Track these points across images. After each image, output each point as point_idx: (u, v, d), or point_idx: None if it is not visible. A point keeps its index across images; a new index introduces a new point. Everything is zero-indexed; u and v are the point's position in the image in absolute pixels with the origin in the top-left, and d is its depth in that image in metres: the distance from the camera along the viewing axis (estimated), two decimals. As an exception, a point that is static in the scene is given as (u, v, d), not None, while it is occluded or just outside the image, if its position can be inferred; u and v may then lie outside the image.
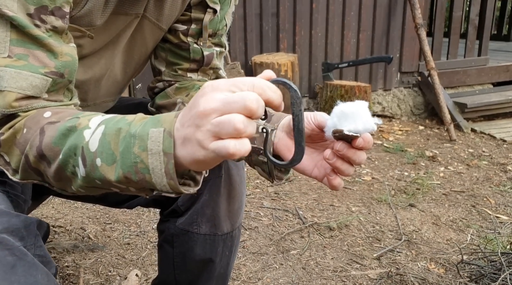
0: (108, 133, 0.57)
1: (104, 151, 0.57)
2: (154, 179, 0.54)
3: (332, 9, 3.49)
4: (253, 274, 1.58)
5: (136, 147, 0.54)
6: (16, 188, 0.83)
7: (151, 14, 0.88)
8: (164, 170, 0.53)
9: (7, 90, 0.63)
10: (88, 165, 0.58)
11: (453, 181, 2.55)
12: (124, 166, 0.55)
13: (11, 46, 0.63)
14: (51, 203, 1.92)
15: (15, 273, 0.63)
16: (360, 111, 0.64)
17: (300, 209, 2.08)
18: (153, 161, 0.54)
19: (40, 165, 0.63)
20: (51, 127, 0.62)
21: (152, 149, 0.53)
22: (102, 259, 1.57)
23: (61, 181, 0.64)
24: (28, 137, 0.63)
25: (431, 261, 1.72)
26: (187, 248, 1.00)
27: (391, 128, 3.58)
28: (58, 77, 0.67)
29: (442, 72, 3.75)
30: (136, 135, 0.55)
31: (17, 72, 0.63)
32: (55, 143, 0.60)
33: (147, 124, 0.55)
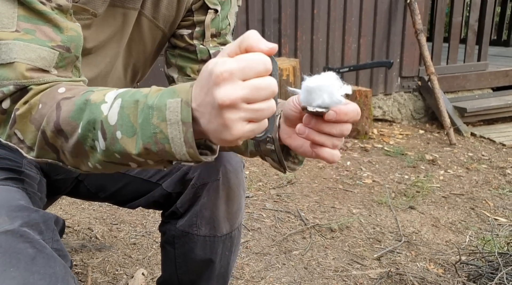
0: (126, 106, 0.58)
1: (124, 123, 0.57)
2: (173, 148, 0.55)
3: (333, 15, 3.54)
4: (256, 273, 1.61)
5: (155, 118, 0.55)
6: (33, 186, 0.87)
7: (148, 12, 0.91)
8: (184, 139, 0.54)
9: (16, 61, 0.64)
10: (108, 138, 0.59)
11: (452, 184, 2.59)
12: (144, 137, 0.56)
13: (19, 21, 0.65)
14: (58, 204, 1.96)
15: (36, 265, 0.66)
16: (326, 85, 0.61)
17: (302, 211, 2.12)
18: (172, 130, 0.54)
19: (57, 141, 0.64)
20: (67, 102, 0.62)
21: (170, 119, 0.54)
22: (109, 259, 1.61)
23: (78, 156, 0.64)
24: (44, 113, 0.63)
25: (430, 261, 1.75)
26: (188, 249, 1.03)
27: (392, 132, 3.62)
28: (65, 51, 0.69)
29: (442, 77, 3.80)
30: (154, 106, 0.55)
31: (25, 44, 0.65)
32: (72, 118, 0.61)
33: (163, 95, 0.56)
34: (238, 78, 0.50)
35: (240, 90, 0.50)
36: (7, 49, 0.64)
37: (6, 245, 0.65)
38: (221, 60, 0.51)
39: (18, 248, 0.66)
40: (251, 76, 0.51)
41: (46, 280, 0.67)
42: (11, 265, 0.65)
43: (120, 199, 1.11)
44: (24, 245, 0.67)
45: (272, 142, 0.77)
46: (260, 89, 0.51)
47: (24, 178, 0.85)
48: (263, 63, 0.51)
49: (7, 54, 0.64)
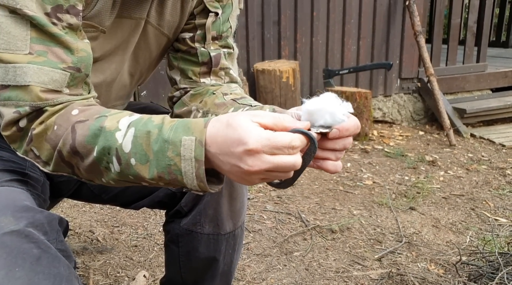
0: (139, 135, 0.64)
1: (137, 152, 0.64)
2: (185, 180, 0.62)
3: (332, 17, 3.55)
4: (257, 274, 1.62)
5: (170, 152, 0.62)
6: (36, 188, 0.87)
7: (153, 20, 0.93)
8: (195, 174, 0.61)
9: (31, 85, 0.68)
10: (123, 164, 0.65)
11: (452, 185, 2.60)
12: (159, 167, 0.63)
13: (32, 43, 0.68)
14: (60, 207, 1.97)
15: (40, 265, 0.67)
16: (327, 106, 0.64)
17: (303, 212, 2.12)
18: (186, 165, 0.61)
19: (73, 160, 0.69)
20: (82, 126, 0.67)
21: (185, 156, 0.61)
22: (111, 261, 1.62)
23: (92, 173, 0.69)
24: (59, 134, 0.68)
25: (431, 262, 1.76)
26: (192, 247, 1.04)
27: (392, 133, 3.63)
28: (76, 72, 0.72)
29: (441, 78, 3.81)
30: (169, 141, 0.62)
31: (39, 68, 0.68)
32: (88, 142, 0.66)
33: (178, 130, 0.63)
34: (266, 154, 0.58)
35: (266, 164, 0.58)
36: (22, 73, 0.67)
37: (12, 245, 0.66)
38: (256, 132, 0.58)
39: (23, 248, 0.67)
40: (279, 154, 0.58)
41: (51, 280, 0.68)
42: (16, 265, 0.65)
43: (124, 200, 1.12)
44: (29, 245, 0.67)
45: None
46: (283, 167, 0.59)
47: (28, 180, 0.85)
48: (292, 146, 0.59)
49: (22, 77, 0.67)
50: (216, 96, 0.95)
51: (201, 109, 0.96)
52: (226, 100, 0.93)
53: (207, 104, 0.95)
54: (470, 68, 4.06)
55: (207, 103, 0.95)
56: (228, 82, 1.01)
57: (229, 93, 0.96)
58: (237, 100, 0.92)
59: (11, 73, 0.67)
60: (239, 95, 0.95)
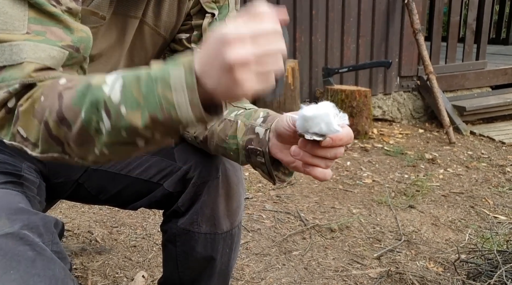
0: (128, 84, 0.59)
1: (127, 99, 0.58)
2: (180, 114, 0.57)
3: (331, 16, 3.55)
4: (256, 274, 1.62)
5: (159, 88, 0.57)
6: (32, 190, 0.88)
7: (150, 20, 0.92)
8: (190, 103, 0.56)
9: (26, 61, 0.65)
10: (113, 116, 0.59)
11: (452, 183, 2.60)
12: (150, 108, 0.57)
13: (29, 23, 0.66)
14: (58, 207, 1.97)
15: (35, 267, 0.67)
16: (323, 115, 0.64)
17: (302, 212, 2.12)
18: (178, 97, 0.56)
19: (60, 131, 0.64)
20: (69, 91, 0.63)
21: (176, 87, 0.56)
22: (109, 262, 1.62)
23: (83, 144, 0.64)
24: (46, 105, 0.64)
25: (430, 260, 1.76)
26: (189, 247, 1.04)
27: (392, 131, 3.63)
28: (74, 51, 0.70)
29: (440, 76, 3.80)
30: (158, 78, 0.57)
31: (35, 44, 0.66)
32: (75, 103, 0.61)
33: (165, 68, 0.58)
34: (248, 40, 0.53)
35: (250, 50, 0.53)
36: (18, 50, 0.65)
37: (6, 247, 0.66)
38: (233, 25, 0.53)
39: (18, 251, 0.67)
40: (260, 39, 0.53)
41: (46, 282, 0.68)
42: (11, 268, 0.65)
43: (121, 201, 1.12)
44: (24, 247, 0.68)
45: (262, 155, 0.80)
46: (269, 49, 0.54)
47: (24, 182, 0.86)
48: (272, 27, 0.54)
49: (18, 54, 0.65)
50: None
51: None
52: None
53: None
54: (470, 65, 4.06)
55: None
56: None
57: None
58: None
59: (7, 52, 0.65)
60: None
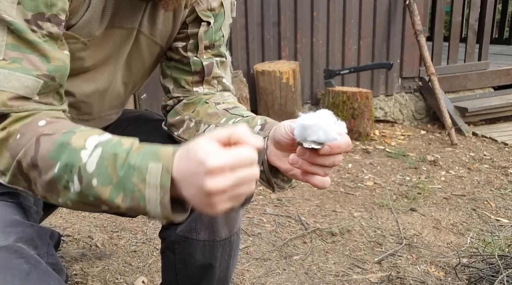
0: (105, 157, 0.61)
1: (101, 174, 0.61)
2: (148, 207, 0.60)
3: (332, 17, 3.54)
4: (256, 279, 1.61)
5: (135, 178, 0.59)
6: (28, 200, 0.87)
7: (146, 29, 0.93)
8: (160, 201, 0.59)
9: (0, 90, 0.66)
10: (84, 183, 0.62)
11: (454, 185, 2.58)
12: (122, 192, 0.60)
13: (7, 50, 0.67)
14: (59, 212, 1.97)
15: (30, 280, 0.67)
16: (321, 123, 0.65)
17: (303, 215, 2.12)
18: (150, 192, 0.59)
19: (31, 173, 0.65)
20: (47, 139, 0.64)
21: (150, 182, 0.58)
22: (110, 267, 1.62)
23: (50, 192, 0.66)
24: (22, 143, 0.65)
25: (431, 264, 1.75)
26: (188, 254, 1.04)
27: (393, 133, 3.61)
28: (50, 80, 0.70)
29: (442, 77, 3.79)
30: (136, 167, 0.59)
31: (10, 73, 0.66)
32: (50, 157, 0.63)
33: (145, 156, 0.60)
34: (228, 171, 0.55)
35: (229, 180, 0.55)
36: None
37: (1, 261, 0.66)
38: (214, 152, 0.55)
39: (12, 264, 0.67)
40: (238, 168, 0.56)
41: (41, 295, 0.67)
42: (5, 281, 0.65)
43: None
44: (18, 260, 0.67)
45: (261, 163, 0.80)
46: (245, 178, 0.56)
47: (20, 191, 0.85)
48: (250, 159, 0.56)
49: None
50: (208, 106, 0.95)
51: (194, 118, 0.96)
52: (218, 109, 0.93)
53: (199, 114, 0.95)
54: (472, 66, 4.04)
55: (199, 113, 0.95)
56: (221, 91, 1.01)
57: (221, 102, 0.95)
58: (229, 110, 0.92)
59: None
60: (232, 105, 0.95)
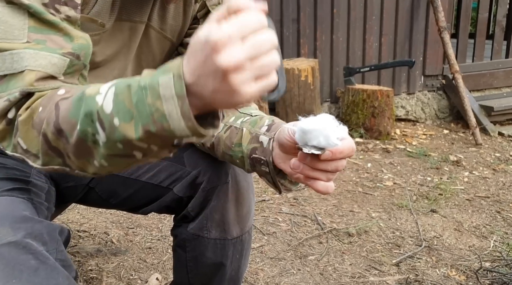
0: (119, 92, 0.57)
1: (119, 110, 0.56)
2: (172, 125, 0.54)
3: (353, 14, 3.48)
4: (270, 279, 1.60)
5: (149, 97, 0.54)
6: (39, 196, 0.88)
7: (155, 23, 0.91)
8: (181, 113, 0.53)
9: (27, 69, 0.65)
10: (107, 128, 0.57)
11: (477, 186, 2.51)
12: (142, 119, 0.55)
13: (29, 32, 0.67)
14: (76, 208, 2.00)
15: (38, 276, 0.67)
16: (322, 128, 0.62)
17: (319, 215, 2.09)
18: (168, 106, 0.53)
19: (59, 143, 0.62)
20: (65, 101, 0.62)
21: (165, 95, 0.53)
22: (124, 263, 1.63)
23: (82, 157, 0.62)
24: (44, 116, 0.62)
25: (452, 268, 1.70)
26: (199, 252, 1.03)
27: (415, 132, 3.53)
28: (75, 59, 0.70)
29: (467, 75, 3.68)
30: (147, 86, 0.54)
31: (36, 52, 0.66)
32: (71, 115, 0.60)
33: (155, 74, 0.55)
34: (237, 40, 0.49)
35: (242, 50, 0.49)
36: (18, 58, 0.65)
37: (9, 256, 0.66)
38: (215, 27, 0.49)
39: (20, 260, 0.67)
40: (249, 35, 0.49)
41: (49, 291, 0.67)
42: (13, 277, 0.65)
43: (132, 205, 1.12)
44: (26, 256, 0.67)
45: (267, 164, 0.79)
46: (261, 45, 0.50)
47: (31, 188, 0.86)
48: (257, 19, 0.50)
49: (18, 63, 0.65)
50: None
51: None
52: None
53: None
54: (499, 64, 3.92)
55: None
56: None
57: None
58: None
59: (8, 60, 0.65)
60: None
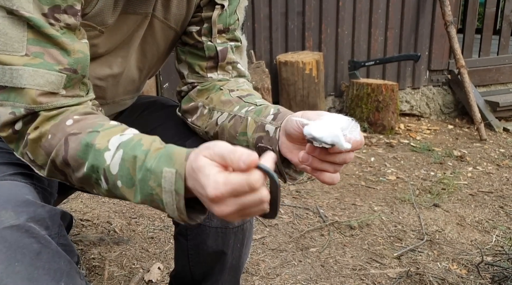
0: (126, 159, 0.65)
1: (124, 175, 0.65)
2: (167, 210, 0.63)
3: (359, 7, 3.46)
4: (271, 270, 1.60)
5: (152, 181, 0.62)
6: (43, 182, 0.88)
7: (160, 13, 0.92)
8: (176, 206, 0.61)
9: (27, 88, 0.68)
10: (110, 184, 0.66)
11: (481, 182, 2.50)
12: (142, 194, 0.64)
13: (28, 45, 0.69)
14: (79, 197, 2.01)
15: (40, 260, 0.67)
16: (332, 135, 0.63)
17: (321, 208, 2.09)
18: (166, 197, 0.61)
19: (66, 169, 0.71)
20: (74, 139, 0.68)
21: (165, 187, 0.61)
22: (127, 252, 1.64)
23: (84, 184, 0.71)
24: (53, 144, 0.70)
25: (453, 261, 1.70)
26: (200, 240, 1.03)
27: (419, 127, 3.52)
28: (72, 73, 0.72)
29: (473, 70, 3.66)
30: (152, 171, 0.62)
31: (34, 70, 0.68)
32: (79, 156, 0.68)
33: (161, 159, 0.62)
34: (229, 199, 0.56)
35: (232, 207, 0.56)
36: (18, 75, 0.68)
37: (11, 239, 0.67)
38: (212, 179, 0.55)
39: (23, 243, 0.67)
40: (241, 196, 0.56)
41: (51, 275, 0.68)
42: (15, 260, 0.66)
43: None
44: (29, 240, 0.68)
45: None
46: (250, 204, 0.56)
47: (34, 173, 0.86)
48: (251, 187, 0.55)
49: (18, 79, 0.68)
50: (222, 93, 0.93)
51: (207, 105, 0.94)
52: (232, 97, 0.91)
53: (213, 101, 0.93)
54: (505, 59, 3.89)
55: (213, 100, 0.93)
56: (236, 77, 0.99)
57: (235, 90, 0.94)
58: (243, 97, 0.90)
59: (8, 74, 0.68)
60: (246, 92, 0.93)
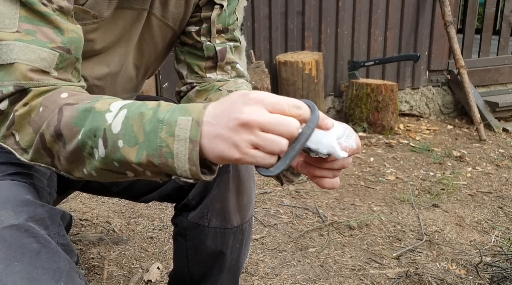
0: (131, 116, 0.60)
1: (127, 133, 0.59)
2: (176, 163, 0.58)
3: (358, 7, 3.46)
4: (270, 270, 1.60)
5: (163, 132, 0.57)
6: (42, 181, 0.88)
7: (157, 11, 0.91)
8: (188, 156, 0.57)
9: (17, 62, 0.65)
10: (109, 146, 0.60)
11: (480, 182, 2.50)
12: (149, 149, 0.58)
13: (20, 22, 0.66)
14: (79, 197, 2.01)
15: (40, 259, 0.67)
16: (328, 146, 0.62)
17: (321, 208, 2.09)
18: (179, 146, 0.57)
19: (55, 145, 0.65)
20: (70, 108, 0.63)
21: (179, 135, 0.57)
22: (126, 252, 1.64)
23: (73, 162, 0.65)
24: (45, 116, 0.64)
25: (452, 262, 1.70)
26: (199, 241, 1.04)
27: (419, 127, 3.52)
28: (65, 53, 0.69)
29: (473, 70, 3.66)
30: (164, 121, 0.58)
31: (25, 45, 0.65)
32: (74, 123, 0.62)
33: (174, 111, 0.59)
34: (266, 107, 0.55)
35: (263, 115, 0.54)
36: (8, 50, 0.65)
37: (11, 239, 0.67)
38: (262, 92, 0.56)
39: (22, 243, 0.67)
40: (277, 114, 0.55)
41: (50, 275, 0.68)
42: (15, 259, 0.66)
43: (133, 193, 1.12)
44: (28, 239, 0.68)
45: None
46: (280, 124, 0.55)
47: (34, 173, 0.86)
48: (294, 105, 0.56)
49: (7, 55, 0.65)
50: (221, 94, 0.94)
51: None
52: None
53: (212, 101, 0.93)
54: (505, 59, 3.89)
55: (212, 101, 0.93)
56: (235, 77, 1.00)
57: (234, 90, 0.94)
58: None
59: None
60: None
